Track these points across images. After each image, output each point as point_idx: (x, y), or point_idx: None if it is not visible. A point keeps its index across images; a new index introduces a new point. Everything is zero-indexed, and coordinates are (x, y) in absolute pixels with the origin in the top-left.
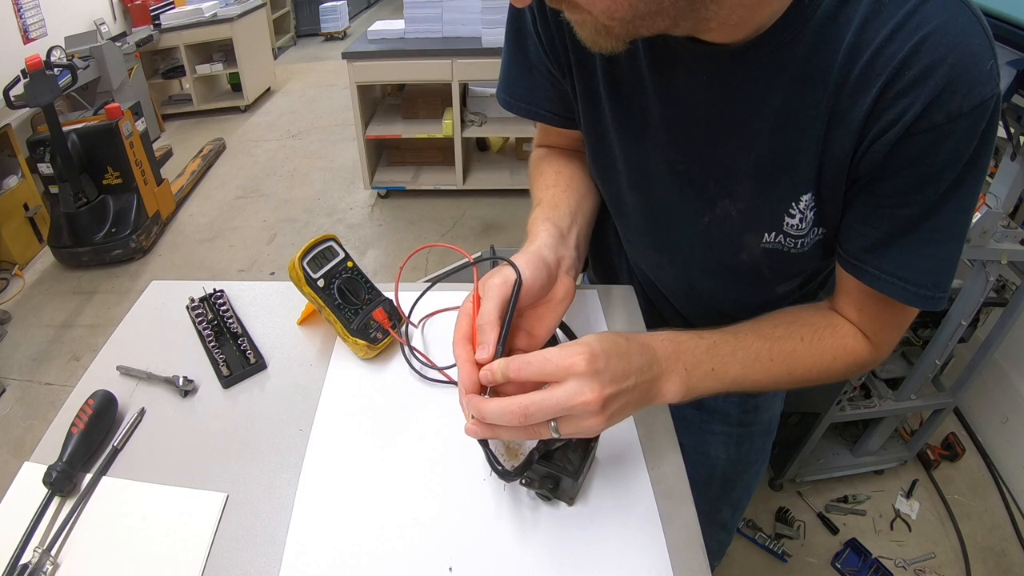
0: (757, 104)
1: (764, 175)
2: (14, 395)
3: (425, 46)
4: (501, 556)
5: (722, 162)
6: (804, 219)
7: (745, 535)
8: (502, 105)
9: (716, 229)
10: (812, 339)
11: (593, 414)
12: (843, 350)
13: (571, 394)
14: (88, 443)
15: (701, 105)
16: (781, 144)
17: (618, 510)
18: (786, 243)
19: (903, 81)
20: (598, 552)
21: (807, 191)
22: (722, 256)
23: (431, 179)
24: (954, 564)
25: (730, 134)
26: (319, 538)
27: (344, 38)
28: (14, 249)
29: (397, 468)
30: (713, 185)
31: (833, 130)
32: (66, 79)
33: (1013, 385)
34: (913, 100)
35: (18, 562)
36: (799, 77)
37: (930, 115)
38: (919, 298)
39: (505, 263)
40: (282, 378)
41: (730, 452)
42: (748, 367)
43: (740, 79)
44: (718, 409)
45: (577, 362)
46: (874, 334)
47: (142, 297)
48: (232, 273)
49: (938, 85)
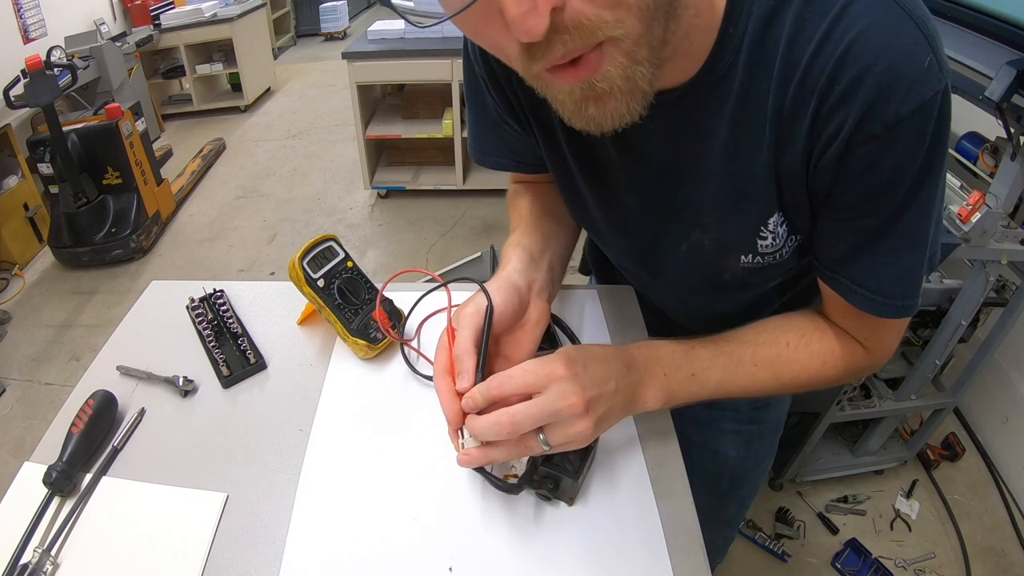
0: (706, 140)
1: (728, 205)
2: (14, 395)
3: (425, 46)
4: (501, 556)
5: (686, 198)
6: (777, 236)
7: (745, 535)
8: (475, 160)
9: (694, 257)
10: (799, 344)
11: (579, 417)
12: (833, 355)
13: (555, 398)
14: (88, 443)
15: (655, 149)
16: (736, 174)
17: (618, 510)
18: (764, 260)
19: (834, 96)
20: (598, 552)
21: (773, 212)
22: (705, 278)
23: (431, 179)
24: (954, 564)
25: (688, 171)
26: (319, 538)
27: (344, 38)
28: (14, 249)
29: (397, 468)
30: (685, 216)
31: (782, 153)
32: (66, 79)
33: (1013, 385)
34: (846, 114)
35: (18, 562)
36: (739, 108)
37: (866, 126)
38: (887, 308)
39: (478, 291)
40: (282, 378)
41: (740, 450)
42: (730, 372)
43: (687, 120)
44: (728, 406)
45: (556, 368)
46: (865, 339)
47: (142, 297)
48: (232, 273)
49: (869, 95)
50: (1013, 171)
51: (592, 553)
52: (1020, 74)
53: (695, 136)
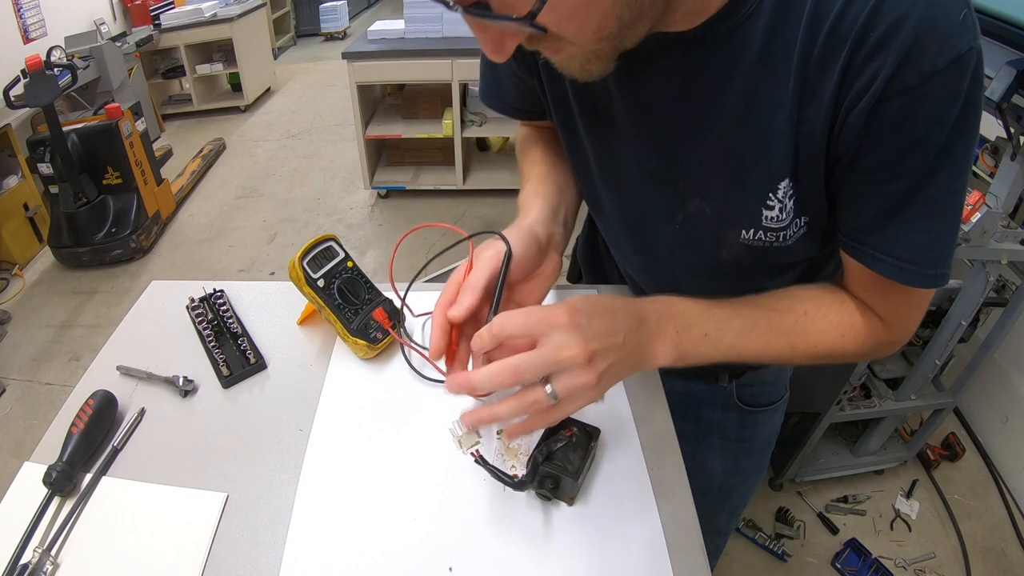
0: (721, 91)
1: (736, 167)
2: (14, 395)
3: (425, 46)
4: (501, 556)
5: (691, 158)
6: (784, 209)
7: (745, 535)
8: (481, 99)
9: (692, 228)
10: (816, 314)
11: (581, 368)
12: (852, 328)
13: (556, 348)
14: (88, 443)
15: (663, 99)
16: (751, 130)
17: (618, 510)
18: (767, 238)
19: (868, 44)
20: (598, 552)
21: (784, 177)
22: (702, 255)
23: (431, 179)
24: (954, 564)
25: (696, 126)
26: (319, 538)
27: (344, 38)
28: (14, 249)
29: (397, 468)
30: (683, 183)
31: (805, 107)
32: (66, 79)
33: (1013, 385)
34: (881, 63)
35: (18, 562)
36: (761, 58)
37: (901, 77)
38: (918, 277)
39: (497, 237)
40: (282, 378)
41: (727, 465)
42: (745, 336)
43: (700, 67)
44: (716, 423)
45: (558, 315)
46: (886, 314)
47: (142, 297)
48: (232, 273)
49: (905, 43)
50: (1013, 171)
51: (592, 553)
52: (1020, 74)
53: (710, 85)
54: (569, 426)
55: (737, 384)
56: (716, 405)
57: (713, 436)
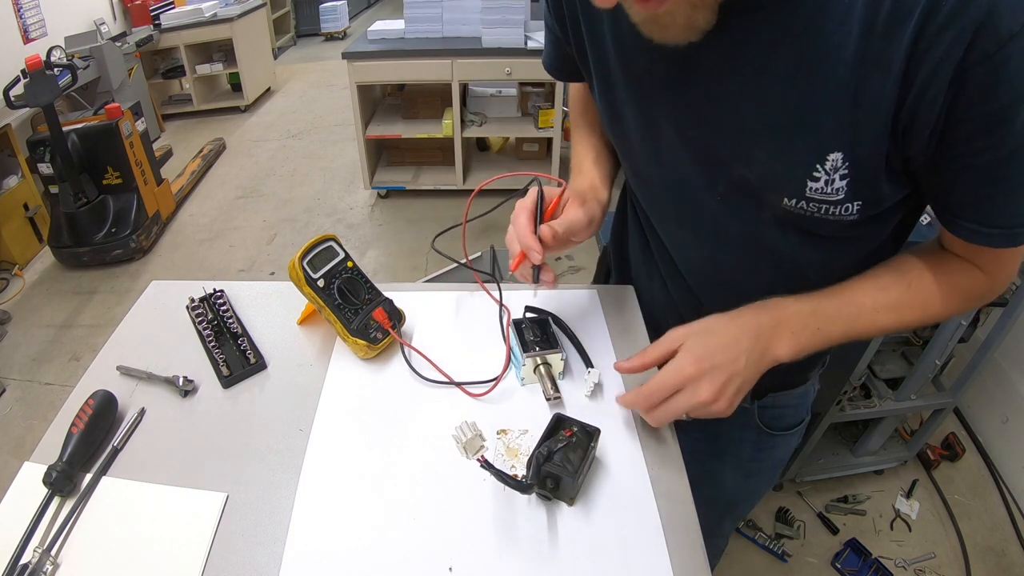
0: (769, 56)
1: (782, 135)
2: (14, 395)
3: (425, 46)
4: (501, 556)
5: (735, 125)
6: (830, 183)
7: (745, 535)
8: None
9: (734, 197)
10: (920, 283)
11: (712, 403)
12: (954, 288)
13: (690, 396)
14: (88, 443)
15: (706, 63)
16: (800, 99)
17: (618, 510)
18: (809, 208)
19: (942, 13)
20: (598, 552)
21: (834, 149)
22: (744, 226)
23: (431, 179)
24: (954, 564)
25: (740, 93)
26: (319, 538)
27: (344, 38)
28: (14, 249)
29: (397, 468)
30: (726, 151)
31: (866, 79)
32: (66, 79)
33: (1013, 385)
34: (958, 32)
35: (18, 562)
36: (816, 21)
37: (980, 44)
38: (1019, 239)
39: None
40: (282, 378)
41: (737, 483)
42: (853, 322)
43: (751, 31)
44: (732, 443)
45: (686, 368)
46: (986, 265)
47: (142, 297)
48: (232, 273)
49: (981, 9)
50: None
51: (592, 553)
52: None
53: (757, 49)
54: (569, 426)
55: (759, 406)
56: (734, 425)
57: (727, 455)
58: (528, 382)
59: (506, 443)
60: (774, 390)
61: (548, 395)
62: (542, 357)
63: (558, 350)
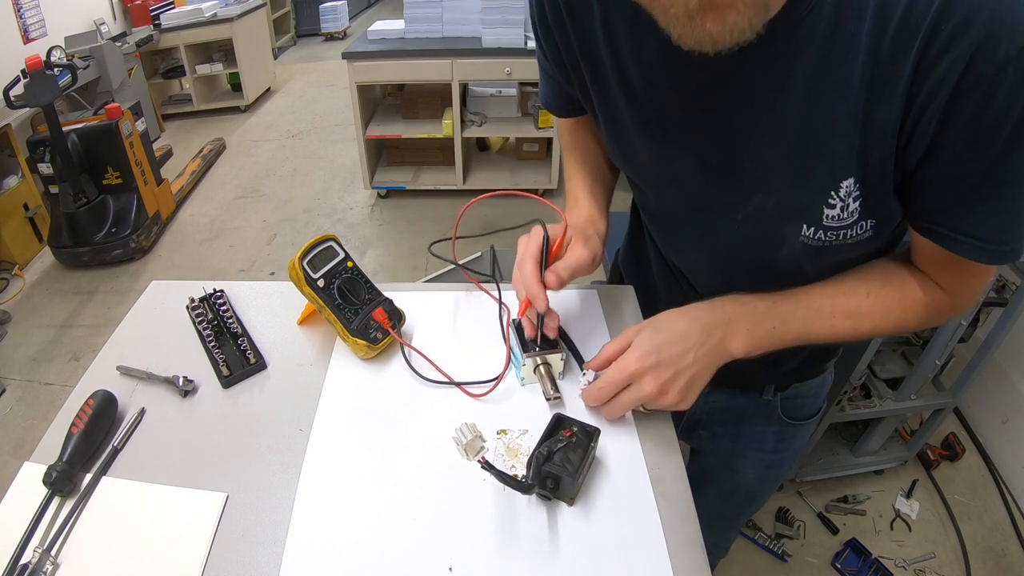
0: (782, 86)
1: (798, 163)
2: (14, 395)
3: (425, 46)
4: (501, 556)
5: (754, 154)
6: (845, 208)
7: (745, 535)
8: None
9: (753, 224)
10: (879, 295)
11: (661, 396)
12: (914, 302)
13: (636, 391)
14: (88, 443)
15: (723, 98)
16: (813, 126)
17: (618, 510)
18: (827, 237)
19: (942, 37)
20: (598, 552)
21: (848, 176)
22: (762, 252)
23: (431, 179)
24: (954, 564)
25: (757, 122)
26: (319, 538)
27: (344, 38)
28: (14, 249)
29: (397, 468)
30: (747, 179)
31: (874, 102)
32: (66, 79)
33: (1013, 385)
34: (957, 55)
35: (18, 562)
36: (824, 50)
37: (976, 68)
38: (995, 254)
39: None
40: (282, 378)
41: (759, 473)
42: (810, 324)
43: (762, 64)
44: (755, 437)
45: (630, 364)
46: (949, 285)
47: (142, 297)
48: (232, 273)
49: (979, 35)
50: None
51: (592, 553)
52: None
53: (770, 81)
54: (569, 426)
55: (782, 397)
56: (757, 418)
57: (751, 448)
58: (528, 382)
59: (506, 443)
60: (796, 381)
61: (548, 395)
62: (542, 357)
63: (558, 350)
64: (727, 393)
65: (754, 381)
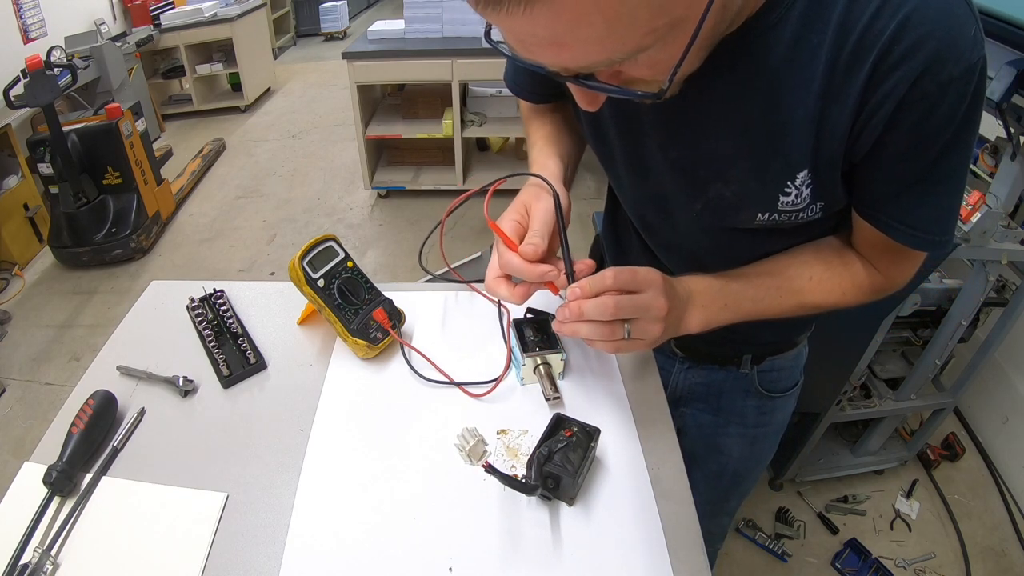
0: (747, 88)
1: (758, 158)
2: (14, 395)
3: (425, 46)
4: (501, 556)
5: (716, 149)
6: (800, 195)
7: (745, 535)
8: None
9: (711, 212)
10: (823, 276)
11: (659, 320)
12: (854, 284)
13: (650, 298)
14: (88, 443)
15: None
16: (773, 125)
17: (618, 510)
18: (780, 219)
19: (894, 56)
20: (598, 552)
21: (802, 168)
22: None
23: (431, 179)
24: (954, 564)
25: (722, 121)
26: (319, 538)
27: (344, 38)
28: (14, 249)
29: (397, 468)
30: (704, 172)
31: (829, 107)
32: (66, 79)
33: (1013, 385)
34: (905, 73)
35: (18, 562)
36: (788, 57)
37: (922, 85)
38: (927, 242)
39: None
40: (282, 378)
41: (744, 450)
42: (759, 302)
43: (730, 68)
44: (736, 411)
45: (656, 278)
46: (886, 268)
47: (142, 297)
48: (232, 273)
49: (927, 58)
50: (1013, 171)
51: (592, 553)
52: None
53: (737, 82)
54: (569, 426)
55: (758, 370)
56: (736, 392)
57: (732, 424)
58: (528, 382)
59: (506, 443)
60: (771, 354)
61: (548, 395)
62: (542, 357)
63: (558, 350)
64: (706, 368)
65: (731, 354)
